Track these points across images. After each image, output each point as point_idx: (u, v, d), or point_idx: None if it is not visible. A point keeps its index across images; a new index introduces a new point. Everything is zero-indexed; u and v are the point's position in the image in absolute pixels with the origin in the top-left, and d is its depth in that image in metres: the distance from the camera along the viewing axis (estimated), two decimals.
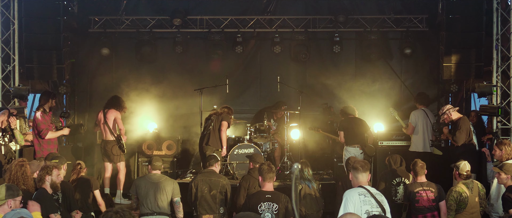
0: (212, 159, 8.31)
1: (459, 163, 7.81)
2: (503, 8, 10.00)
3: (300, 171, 8.02)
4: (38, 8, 10.59)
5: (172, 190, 7.83)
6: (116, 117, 10.19)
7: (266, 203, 6.91)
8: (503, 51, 10.08)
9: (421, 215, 7.63)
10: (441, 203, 7.67)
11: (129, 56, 12.80)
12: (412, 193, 7.66)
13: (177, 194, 7.89)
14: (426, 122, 10.45)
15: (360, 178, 5.98)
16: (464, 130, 9.18)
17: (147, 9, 12.77)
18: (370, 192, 5.85)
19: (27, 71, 10.76)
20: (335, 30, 12.43)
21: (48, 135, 9.69)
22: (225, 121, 10.44)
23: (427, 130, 10.44)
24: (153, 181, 7.79)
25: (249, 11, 12.78)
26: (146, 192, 7.72)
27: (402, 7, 12.58)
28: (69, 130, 10.43)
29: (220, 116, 10.50)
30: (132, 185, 8.08)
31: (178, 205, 7.86)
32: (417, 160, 7.88)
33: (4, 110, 8.87)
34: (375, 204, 5.78)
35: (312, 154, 11.83)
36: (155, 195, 7.69)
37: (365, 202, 5.78)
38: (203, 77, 12.72)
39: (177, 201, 7.87)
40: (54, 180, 6.88)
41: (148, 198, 7.71)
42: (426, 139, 10.44)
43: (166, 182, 7.86)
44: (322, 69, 13.23)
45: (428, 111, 10.72)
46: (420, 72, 13.24)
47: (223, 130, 10.37)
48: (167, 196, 7.78)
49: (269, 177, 7.04)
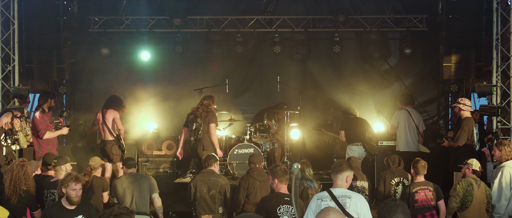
0: (211, 159, 8.30)
1: (471, 161, 7.80)
2: (503, 8, 9.99)
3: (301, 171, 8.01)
4: (38, 8, 10.60)
5: (149, 186, 7.77)
6: (114, 116, 10.18)
7: (285, 206, 6.66)
8: (503, 51, 10.08)
9: (420, 215, 7.63)
10: (440, 202, 7.67)
11: (129, 56, 12.80)
12: (411, 194, 7.65)
13: (155, 190, 7.82)
14: (408, 121, 10.46)
15: (334, 180, 5.67)
16: (466, 130, 9.19)
17: (147, 9, 12.75)
18: (332, 195, 5.44)
19: (27, 71, 10.77)
20: (335, 30, 12.43)
21: (46, 135, 9.68)
22: (212, 123, 9.82)
23: (409, 129, 10.46)
24: (130, 180, 7.73)
25: (249, 11, 12.79)
26: (123, 192, 7.65)
27: (402, 7, 12.58)
28: (68, 129, 10.40)
29: (207, 117, 9.85)
30: (111, 187, 8.02)
31: (157, 201, 7.80)
32: (420, 159, 7.85)
33: (7, 111, 8.87)
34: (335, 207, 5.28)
35: (312, 154, 11.82)
36: (132, 195, 7.62)
37: (320, 206, 5.35)
38: (203, 77, 12.71)
39: (155, 196, 7.79)
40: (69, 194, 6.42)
41: (125, 198, 7.65)
42: (409, 138, 10.45)
43: (142, 179, 7.79)
44: (322, 69, 13.25)
45: (412, 110, 10.71)
46: (420, 72, 13.25)
47: (213, 133, 9.80)
48: (145, 194, 7.71)
49: (286, 178, 6.79)
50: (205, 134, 9.82)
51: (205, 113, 9.90)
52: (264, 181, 7.97)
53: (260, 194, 7.86)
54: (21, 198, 7.06)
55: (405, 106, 10.69)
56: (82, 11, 12.21)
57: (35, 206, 7.21)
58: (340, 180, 5.62)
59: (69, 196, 6.40)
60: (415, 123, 10.51)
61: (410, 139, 10.46)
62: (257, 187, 7.87)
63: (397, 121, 10.54)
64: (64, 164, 7.45)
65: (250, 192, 7.84)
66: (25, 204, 7.15)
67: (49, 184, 7.34)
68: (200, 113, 9.90)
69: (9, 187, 7.06)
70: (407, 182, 8.33)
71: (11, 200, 7.04)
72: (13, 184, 7.05)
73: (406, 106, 10.68)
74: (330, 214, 4.23)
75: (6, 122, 8.72)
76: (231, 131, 11.92)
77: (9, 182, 7.08)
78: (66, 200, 6.43)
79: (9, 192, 7.05)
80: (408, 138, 10.46)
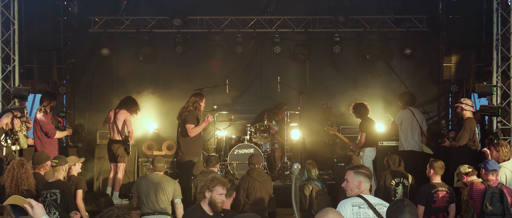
0: (212, 159, 8.30)
1: (463, 168, 7.73)
2: (503, 8, 9.99)
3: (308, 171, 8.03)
4: (38, 8, 10.58)
5: (173, 191, 7.83)
6: (126, 118, 10.17)
7: None
8: (503, 51, 10.07)
9: (434, 215, 7.57)
10: (452, 205, 7.62)
11: (129, 56, 12.79)
12: (430, 194, 7.51)
13: (178, 195, 7.88)
14: (412, 121, 10.43)
15: (366, 186, 5.28)
16: (468, 130, 9.17)
17: (147, 9, 12.76)
18: (369, 202, 5.10)
19: (27, 71, 10.76)
20: (335, 30, 12.42)
21: (56, 135, 9.68)
22: (188, 124, 9.29)
23: (413, 129, 10.41)
24: (155, 181, 7.79)
25: (249, 11, 12.76)
26: (147, 191, 7.73)
27: (402, 7, 12.56)
28: (72, 130, 10.44)
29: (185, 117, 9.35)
30: (134, 184, 8.08)
31: (179, 206, 7.85)
32: (438, 160, 7.74)
33: (7, 112, 8.85)
34: (373, 216, 5.03)
35: (312, 154, 11.82)
36: (156, 195, 7.70)
37: (359, 214, 5.04)
38: (203, 77, 12.71)
39: (178, 201, 7.86)
40: (215, 199, 5.77)
41: (149, 197, 7.72)
42: (413, 138, 10.42)
43: (167, 182, 7.86)
44: (322, 69, 13.25)
45: (416, 110, 10.69)
46: (420, 72, 13.23)
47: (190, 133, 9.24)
48: (168, 197, 7.78)
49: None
50: (180, 136, 9.46)
51: (186, 111, 9.45)
52: (264, 181, 7.97)
53: (260, 194, 7.87)
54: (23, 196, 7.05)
55: (408, 106, 10.67)
56: (82, 11, 12.21)
57: None
58: (367, 186, 5.26)
59: (215, 201, 5.71)
60: (419, 123, 10.49)
61: (414, 139, 10.44)
62: (257, 187, 7.87)
63: (401, 120, 10.51)
64: (65, 165, 7.45)
65: (250, 192, 7.84)
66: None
67: (48, 185, 7.33)
68: (182, 111, 9.57)
69: (10, 186, 7.05)
70: (407, 183, 8.30)
71: None
72: (14, 183, 7.04)
73: (409, 106, 10.67)
74: (329, 214, 4.21)
75: (7, 123, 8.71)
76: (231, 131, 11.92)
77: (10, 181, 7.07)
78: (209, 205, 5.72)
79: (10, 192, 7.03)
80: (412, 138, 10.45)
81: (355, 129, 11.70)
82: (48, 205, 7.14)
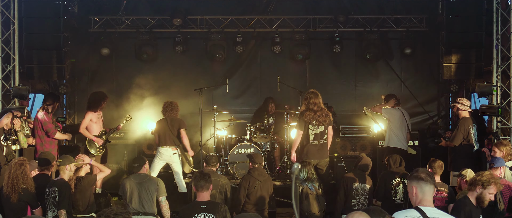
0: (211, 159, 8.30)
1: (465, 171, 7.69)
2: (503, 8, 9.98)
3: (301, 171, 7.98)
4: (38, 8, 10.58)
5: (157, 189, 7.62)
6: (86, 116, 10.06)
7: (202, 214, 6.27)
8: (503, 51, 10.07)
9: None
10: (452, 205, 7.61)
11: (129, 56, 12.80)
12: None
13: (162, 193, 7.65)
14: (402, 121, 10.31)
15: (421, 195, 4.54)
16: (462, 130, 9.16)
17: (147, 9, 12.77)
18: (426, 216, 4.31)
19: (27, 71, 10.76)
20: (335, 30, 12.43)
21: (56, 135, 9.67)
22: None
23: (402, 129, 10.27)
24: (138, 181, 7.67)
25: (249, 11, 12.78)
26: (131, 192, 7.60)
27: (402, 7, 12.58)
28: (71, 136, 10.46)
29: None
30: (120, 186, 8.00)
31: (164, 204, 7.64)
32: (437, 160, 7.75)
33: (7, 112, 8.84)
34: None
35: None
36: (139, 196, 7.56)
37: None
38: (203, 77, 12.72)
39: (162, 199, 7.64)
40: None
41: (132, 198, 7.60)
42: (401, 137, 10.29)
43: (150, 181, 7.68)
44: (322, 69, 13.25)
45: (404, 110, 10.59)
46: (420, 72, 13.24)
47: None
48: (152, 196, 7.59)
49: (200, 185, 6.40)
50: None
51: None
52: (265, 181, 7.96)
53: (261, 194, 7.86)
54: (20, 196, 7.06)
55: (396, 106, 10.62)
56: (82, 11, 12.21)
57: (36, 204, 7.21)
58: (431, 193, 4.55)
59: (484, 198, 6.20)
60: (407, 123, 10.45)
61: (402, 137, 10.40)
62: (258, 187, 7.86)
63: (389, 116, 10.38)
64: (69, 164, 7.43)
65: (251, 192, 7.83)
66: (25, 202, 7.15)
67: (51, 183, 7.33)
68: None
69: (7, 185, 7.06)
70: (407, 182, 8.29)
71: (11, 199, 7.04)
72: (11, 182, 7.04)
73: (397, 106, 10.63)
74: (355, 215, 4.03)
75: (7, 123, 8.71)
76: (231, 131, 11.92)
77: (7, 180, 7.08)
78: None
79: (7, 190, 7.05)
80: (400, 136, 10.41)
81: (355, 128, 11.72)
82: (49, 203, 7.16)
